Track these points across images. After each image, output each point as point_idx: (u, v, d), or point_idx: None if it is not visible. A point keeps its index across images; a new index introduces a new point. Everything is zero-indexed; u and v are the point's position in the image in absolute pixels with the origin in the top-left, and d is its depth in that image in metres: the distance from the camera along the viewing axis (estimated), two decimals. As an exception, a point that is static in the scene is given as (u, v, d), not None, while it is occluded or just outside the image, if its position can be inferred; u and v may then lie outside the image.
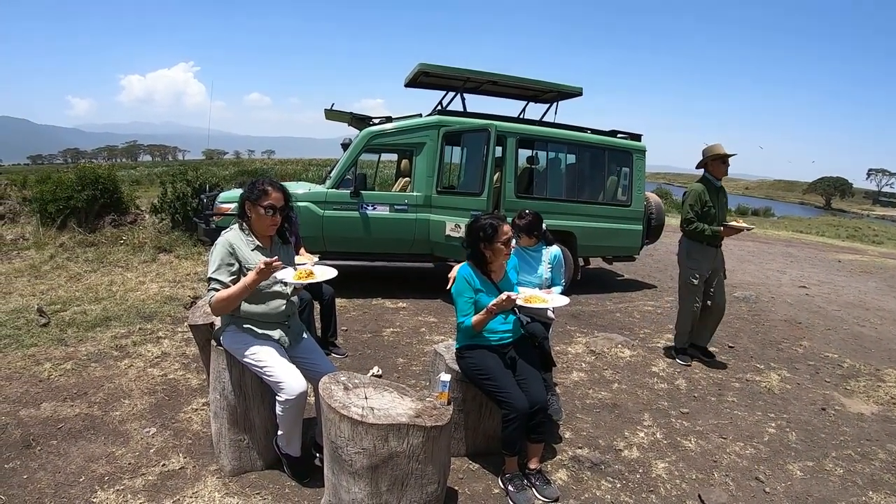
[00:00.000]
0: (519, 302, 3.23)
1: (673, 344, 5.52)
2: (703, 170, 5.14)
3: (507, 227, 3.24)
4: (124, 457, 3.28)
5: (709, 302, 5.24)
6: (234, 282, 2.85)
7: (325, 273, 3.06)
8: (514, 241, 3.45)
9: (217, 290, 2.83)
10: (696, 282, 5.09)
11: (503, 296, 3.10)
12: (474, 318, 3.17)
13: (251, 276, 2.77)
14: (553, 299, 3.48)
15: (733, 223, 5.09)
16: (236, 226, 3.01)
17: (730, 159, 5.00)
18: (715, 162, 5.03)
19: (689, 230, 5.04)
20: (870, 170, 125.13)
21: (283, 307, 3.06)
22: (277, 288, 3.02)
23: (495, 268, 3.33)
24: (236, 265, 2.89)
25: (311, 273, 3.00)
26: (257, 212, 2.93)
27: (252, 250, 2.94)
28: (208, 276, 2.89)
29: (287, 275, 2.93)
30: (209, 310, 3.02)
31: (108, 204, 10.54)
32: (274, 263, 2.72)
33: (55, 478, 3.06)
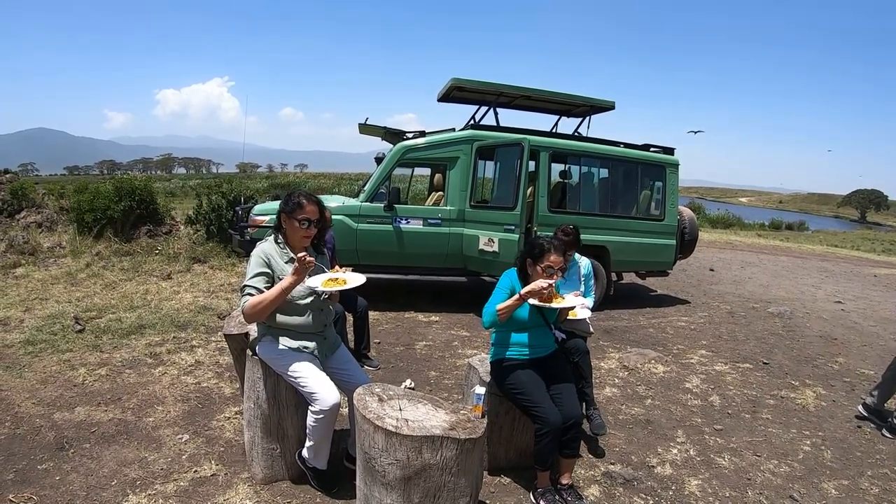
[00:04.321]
0: (533, 301, 3.12)
1: (868, 403, 4.52)
2: None
3: (555, 258, 3.16)
4: (156, 462, 3.32)
5: None
6: (269, 289, 2.88)
7: (355, 279, 3.06)
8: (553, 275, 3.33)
9: (252, 294, 2.85)
10: None
11: (541, 282, 3.04)
12: (500, 304, 3.12)
13: (288, 279, 2.79)
14: (579, 308, 3.42)
15: None
16: (272, 237, 3.04)
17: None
18: None
19: None
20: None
21: (319, 318, 3.07)
22: (312, 299, 3.03)
23: None
24: (270, 273, 2.92)
25: (343, 280, 3.00)
26: (292, 224, 2.96)
27: (286, 262, 2.96)
28: (244, 283, 2.92)
29: (316, 281, 2.95)
30: (242, 318, 3.05)
31: (144, 215, 10.79)
32: (307, 259, 2.74)
33: (87, 480, 3.11)
